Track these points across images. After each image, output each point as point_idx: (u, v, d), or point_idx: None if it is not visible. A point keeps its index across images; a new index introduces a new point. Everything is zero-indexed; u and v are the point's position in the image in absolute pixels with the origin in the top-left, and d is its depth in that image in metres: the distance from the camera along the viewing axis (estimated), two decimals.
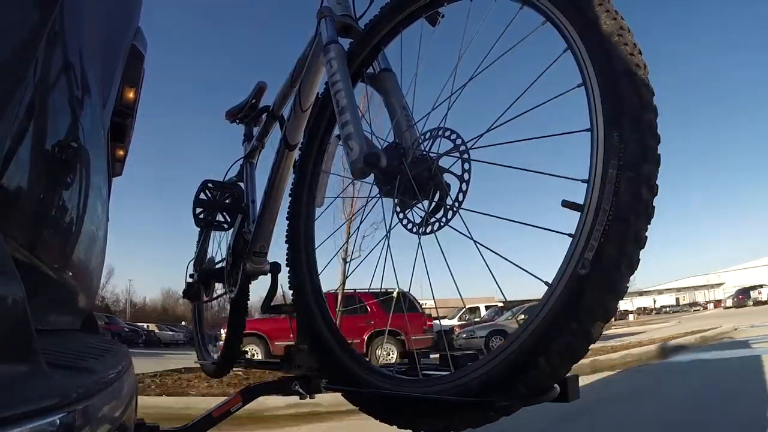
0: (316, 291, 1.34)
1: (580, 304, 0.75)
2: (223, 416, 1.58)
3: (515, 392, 0.81)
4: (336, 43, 1.27)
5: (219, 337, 3.43)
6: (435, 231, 1.02)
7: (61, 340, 0.85)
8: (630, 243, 0.74)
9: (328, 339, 1.24)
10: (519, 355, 0.81)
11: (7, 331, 0.37)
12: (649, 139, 0.75)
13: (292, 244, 1.42)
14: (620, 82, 0.77)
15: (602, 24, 0.81)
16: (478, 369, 0.87)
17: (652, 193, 0.75)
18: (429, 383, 0.96)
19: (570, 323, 0.76)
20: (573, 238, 0.79)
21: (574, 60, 0.84)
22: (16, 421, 0.32)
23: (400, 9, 1.25)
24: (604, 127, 0.78)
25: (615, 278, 0.74)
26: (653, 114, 0.77)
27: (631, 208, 0.73)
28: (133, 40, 1.22)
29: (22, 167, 0.54)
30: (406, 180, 1.05)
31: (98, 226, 1.07)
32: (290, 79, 1.75)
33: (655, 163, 0.76)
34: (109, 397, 0.55)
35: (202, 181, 2.10)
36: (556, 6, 0.88)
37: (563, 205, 0.81)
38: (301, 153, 1.48)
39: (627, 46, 0.79)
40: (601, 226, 0.75)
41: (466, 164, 0.99)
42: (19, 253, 0.56)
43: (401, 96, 1.25)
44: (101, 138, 1.01)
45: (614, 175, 0.75)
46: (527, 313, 0.95)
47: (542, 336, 0.79)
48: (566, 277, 0.77)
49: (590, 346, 0.79)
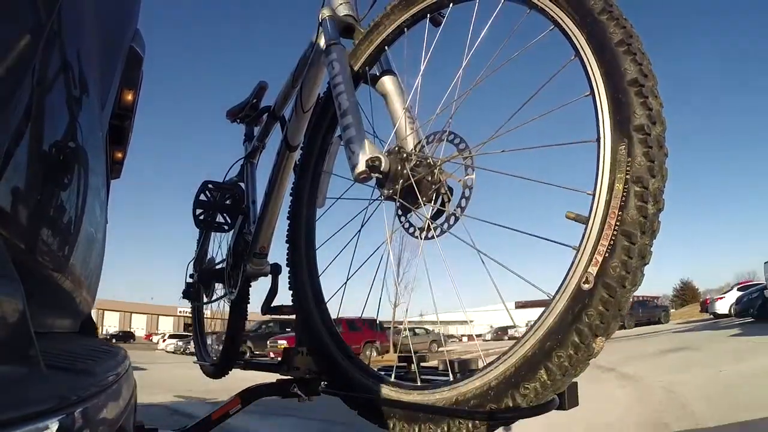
0: (316, 293, 1.34)
1: (582, 319, 0.74)
2: (222, 419, 1.57)
3: (514, 404, 0.80)
4: (338, 43, 1.26)
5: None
6: (437, 237, 1.01)
7: (60, 343, 0.85)
8: (635, 259, 0.72)
9: (327, 342, 1.24)
10: (519, 366, 0.80)
11: (7, 333, 0.37)
12: (658, 153, 0.73)
13: (293, 245, 1.42)
14: (628, 92, 0.75)
15: (611, 31, 0.78)
16: (477, 378, 0.86)
17: (658, 208, 0.73)
18: (428, 390, 0.95)
19: (571, 338, 0.75)
20: (577, 251, 0.77)
21: (582, 68, 0.82)
22: (15, 423, 0.32)
23: (404, 9, 1.22)
24: (612, 139, 0.76)
25: (619, 295, 0.73)
26: (662, 127, 0.75)
27: (637, 224, 0.72)
28: (132, 42, 1.22)
29: (21, 169, 0.54)
30: (408, 184, 1.04)
31: (97, 229, 1.07)
32: (291, 80, 1.75)
33: (662, 177, 0.74)
34: (107, 400, 0.55)
35: (203, 182, 2.10)
36: (563, 11, 0.86)
37: (567, 216, 0.80)
38: (302, 154, 1.48)
39: (636, 54, 0.76)
40: (606, 241, 0.73)
41: (469, 170, 0.97)
42: (18, 255, 0.56)
43: (404, 98, 1.24)
44: (100, 140, 1.01)
45: (621, 189, 0.73)
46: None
47: (543, 348, 0.77)
48: (569, 290, 0.76)
49: (591, 360, 0.78)
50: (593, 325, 0.73)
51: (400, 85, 1.28)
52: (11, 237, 0.53)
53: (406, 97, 1.24)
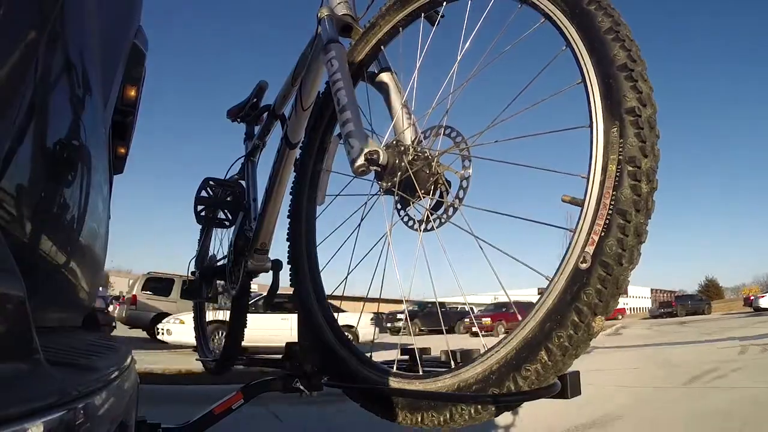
0: (317, 288, 1.35)
1: (581, 298, 0.75)
2: (224, 413, 1.58)
3: (516, 387, 0.81)
4: (336, 42, 1.27)
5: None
6: (436, 228, 1.02)
7: (62, 338, 0.85)
8: (631, 237, 0.74)
9: (328, 336, 1.25)
10: (520, 348, 0.81)
11: (8, 328, 0.37)
12: (649, 134, 0.76)
13: (293, 242, 1.43)
14: (618, 77, 0.77)
15: (599, 21, 0.81)
16: (479, 363, 0.87)
17: (652, 187, 0.75)
18: (430, 378, 0.97)
19: (571, 317, 0.76)
20: (573, 233, 0.79)
21: (573, 57, 0.85)
22: (17, 419, 0.32)
23: (400, 8, 1.26)
24: (603, 123, 0.78)
25: (616, 272, 0.74)
26: (652, 109, 0.77)
27: (631, 203, 0.74)
28: (134, 38, 1.22)
29: (24, 165, 0.55)
30: (406, 177, 1.05)
31: (99, 224, 1.07)
32: (291, 78, 1.76)
33: (654, 157, 0.76)
34: (110, 395, 0.55)
35: (204, 179, 2.11)
36: (553, 4, 0.89)
37: (564, 200, 0.82)
38: (302, 151, 1.49)
39: (624, 41, 0.79)
40: (602, 221, 0.75)
41: (466, 161, 0.99)
42: (19, 250, 0.56)
43: (401, 94, 1.25)
44: (103, 136, 1.01)
45: (614, 169, 0.75)
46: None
47: (543, 329, 0.79)
48: (567, 271, 0.78)
49: (591, 340, 0.79)
50: (592, 303, 0.75)
51: (397, 81, 1.29)
52: (13, 232, 0.54)
53: (403, 93, 1.25)
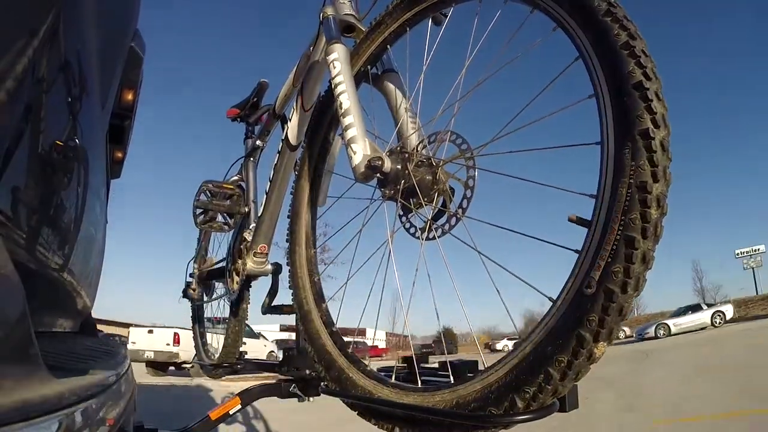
0: (316, 292, 1.33)
1: (584, 325, 0.73)
2: (221, 419, 1.58)
3: (514, 407, 0.80)
4: (339, 42, 1.24)
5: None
6: (438, 237, 0.99)
7: (61, 342, 0.85)
8: (638, 264, 0.71)
9: (326, 342, 1.23)
10: (520, 370, 0.79)
11: (7, 333, 0.37)
12: (661, 158, 0.72)
13: (293, 245, 1.41)
14: (633, 95, 0.73)
15: (615, 33, 0.76)
16: (478, 381, 0.85)
17: (662, 212, 0.72)
18: (428, 391, 0.95)
19: (572, 343, 0.74)
20: (579, 255, 0.76)
21: (586, 69, 0.80)
22: (15, 423, 0.32)
23: (407, 7, 1.20)
24: (615, 142, 0.74)
25: (621, 300, 0.72)
26: (666, 131, 0.73)
27: (639, 229, 0.71)
28: (132, 42, 1.22)
29: (21, 169, 0.54)
30: (409, 185, 1.03)
31: (97, 228, 1.07)
32: (292, 79, 1.73)
33: (666, 182, 0.73)
34: (107, 400, 0.55)
35: (203, 182, 2.10)
36: (567, 12, 0.84)
37: (570, 219, 0.79)
38: (303, 153, 1.47)
39: (641, 57, 0.74)
40: (609, 246, 0.72)
41: (471, 171, 0.96)
42: (18, 255, 0.56)
43: (406, 97, 1.23)
44: (100, 140, 1.01)
45: (624, 193, 0.72)
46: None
47: (545, 353, 0.77)
48: (571, 294, 0.75)
49: (592, 366, 0.77)
50: (595, 330, 0.73)
51: (401, 84, 1.26)
52: (11, 236, 0.53)
53: (408, 96, 1.22)
